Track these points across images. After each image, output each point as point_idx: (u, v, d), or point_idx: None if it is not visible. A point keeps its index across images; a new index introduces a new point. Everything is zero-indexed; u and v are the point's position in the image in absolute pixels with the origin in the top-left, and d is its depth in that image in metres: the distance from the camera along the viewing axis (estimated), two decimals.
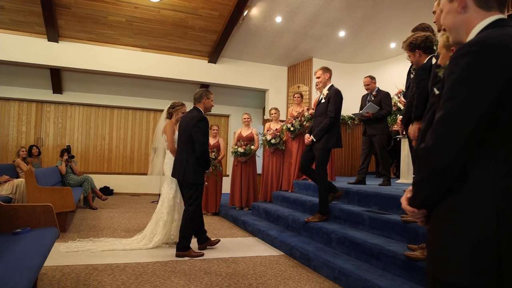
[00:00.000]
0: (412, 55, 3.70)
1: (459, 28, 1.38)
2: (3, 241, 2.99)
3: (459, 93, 1.19)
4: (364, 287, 3.36)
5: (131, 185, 11.31)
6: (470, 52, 1.20)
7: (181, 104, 5.40)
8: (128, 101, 11.33)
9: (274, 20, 8.77)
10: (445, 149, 1.20)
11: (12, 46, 8.54)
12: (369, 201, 4.96)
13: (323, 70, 5.14)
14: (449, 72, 1.25)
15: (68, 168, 8.31)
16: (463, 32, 1.37)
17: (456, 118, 1.19)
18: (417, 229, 3.69)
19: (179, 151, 4.81)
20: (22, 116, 10.52)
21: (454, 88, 1.21)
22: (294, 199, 6.33)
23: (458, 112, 1.19)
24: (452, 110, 1.20)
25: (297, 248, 4.63)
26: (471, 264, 1.16)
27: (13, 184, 6.51)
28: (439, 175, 1.23)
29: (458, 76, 1.20)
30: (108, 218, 7.06)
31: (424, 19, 4.64)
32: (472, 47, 1.21)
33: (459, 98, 1.19)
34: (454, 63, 1.24)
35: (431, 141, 1.23)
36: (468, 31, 1.34)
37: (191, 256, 4.63)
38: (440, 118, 1.23)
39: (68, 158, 8.28)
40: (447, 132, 1.20)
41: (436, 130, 1.23)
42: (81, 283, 3.53)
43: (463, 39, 1.36)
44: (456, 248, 1.20)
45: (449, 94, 1.22)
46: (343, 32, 9.24)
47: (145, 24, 8.72)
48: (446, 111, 1.21)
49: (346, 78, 10.63)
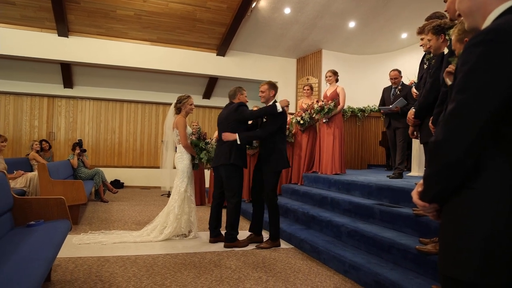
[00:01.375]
0: (435, 38, 3.57)
1: (475, 13, 1.31)
2: (17, 233, 3.04)
3: (472, 84, 1.14)
4: (375, 281, 3.35)
5: (141, 178, 11.39)
6: (485, 40, 1.13)
7: (187, 97, 5.38)
8: (138, 94, 11.39)
9: (282, 11, 8.71)
10: (457, 143, 1.16)
11: (23, 41, 8.62)
12: (380, 194, 4.92)
13: (269, 86, 4.96)
14: (462, 62, 1.20)
15: (79, 161, 8.38)
16: (479, 17, 1.29)
17: (468, 110, 1.14)
18: (429, 223, 3.64)
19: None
20: (34, 111, 10.63)
21: (467, 79, 1.15)
22: (304, 192, 6.32)
23: (470, 104, 1.13)
24: (464, 102, 1.15)
25: (306, 241, 4.63)
26: (481, 260, 1.13)
27: (26, 178, 6.58)
28: (450, 170, 1.19)
29: (472, 66, 1.14)
30: (119, 211, 7.13)
31: (436, 8, 4.56)
32: (487, 35, 1.14)
33: (471, 89, 1.13)
34: (468, 52, 1.18)
35: (442, 135, 1.19)
36: (484, 16, 1.27)
37: (239, 246, 4.80)
38: (451, 111, 1.18)
39: (80, 152, 8.35)
40: (459, 125, 1.15)
41: (447, 123, 1.19)
42: (93, 274, 3.57)
43: (479, 24, 1.29)
44: (467, 244, 1.17)
45: (461, 85, 1.17)
46: (353, 22, 9.16)
47: (154, 18, 8.73)
48: (457, 103, 1.16)
49: (356, 70, 10.60)
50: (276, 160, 4.80)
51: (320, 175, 6.67)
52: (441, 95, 3.13)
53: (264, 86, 4.98)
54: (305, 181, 7.08)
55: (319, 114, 6.90)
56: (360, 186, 5.37)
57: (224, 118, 4.94)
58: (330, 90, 7.07)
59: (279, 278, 3.68)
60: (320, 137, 7.11)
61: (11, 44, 8.52)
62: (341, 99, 6.91)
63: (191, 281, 3.50)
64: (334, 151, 6.85)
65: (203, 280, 3.55)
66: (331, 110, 6.80)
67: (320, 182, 6.54)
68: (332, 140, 6.87)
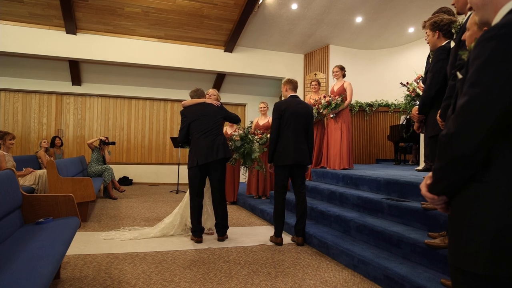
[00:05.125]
0: (431, 34, 3.64)
1: (487, 6, 1.30)
2: (27, 231, 3.06)
3: (484, 79, 1.14)
4: (384, 275, 3.34)
5: (150, 175, 11.45)
6: (498, 35, 1.13)
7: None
8: (146, 91, 11.43)
9: (289, 7, 8.68)
10: (468, 137, 1.16)
11: (31, 39, 8.67)
12: (388, 188, 4.91)
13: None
14: (474, 56, 1.19)
15: (100, 156, 8.47)
16: (490, 11, 1.29)
17: (480, 104, 1.14)
18: (437, 217, 3.64)
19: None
20: (42, 108, 10.71)
21: (479, 73, 1.15)
22: (312, 187, 6.31)
23: (482, 98, 1.14)
24: (477, 96, 1.15)
25: (315, 236, 4.62)
26: (492, 252, 1.14)
27: (35, 175, 6.63)
28: (461, 163, 1.20)
29: (485, 61, 1.14)
30: (128, 207, 7.17)
31: (443, 2, 4.52)
32: (501, 29, 1.14)
33: (484, 84, 1.13)
34: (481, 46, 1.17)
35: (454, 128, 1.19)
36: (496, 10, 1.26)
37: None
38: (463, 104, 1.18)
39: (106, 142, 8.61)
40: (471, 119, 1.15)
41: (459, 116, 1.19)
42: (102, 271, 3.59)
43: (490, 18, 1.29)
44: (477, 236, 1.17)
45: (474, 79, 1.17)
46: (360, 17, 9.09)
47: (161, 15, 8.74)
48: (470, 97, 1.16)
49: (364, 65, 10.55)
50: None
51: (328, 170, 6.65)
52: (449, 89, 3.11)
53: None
54: (313, 176, 7.06)
55: (326, 110, 6.88)
56: (369, 180, 5.35)
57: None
58: (337, 86, 7.05)
59: (288, 274, 3.68)
60: (328, 132, 7.09)
61: (20, 42, 8.58)
62: (348, 94, 6.88)
63: (200, 277, 3.50)
64: (342, 146, 6.83)
65: (212, 276, 3.56)
66: (338, 105, 6.78)
67: (328, 177, 6.53)
68: (340, 135, 6.85)
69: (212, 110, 4.92)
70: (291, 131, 4.76)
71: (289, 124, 4.77)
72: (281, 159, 4.76)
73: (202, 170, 4.79)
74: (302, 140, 4.81)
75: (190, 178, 4.84)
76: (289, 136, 4.76)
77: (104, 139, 8.70)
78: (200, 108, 4.91)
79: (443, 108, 3.15)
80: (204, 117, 4.84)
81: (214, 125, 4.85)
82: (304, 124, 4.83)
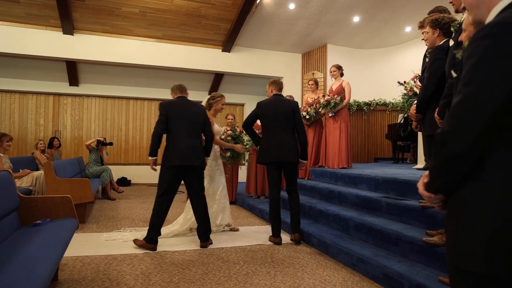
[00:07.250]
0: (431, 31, 3.63)
1: (480, 5, 1.31)
2: (24, 233, 3.04)
3: (477, 78, 1.14)
4: (383, 273, 3.34)
5: (148, 176, 11.39)
6: (491, 34, 1.14)
7: (220, 96, 5.38)
8: (144, 91, 11.41)
9: (287, 7, 8.67)
10: (462, 135, 1.17)
11: (28, 39, 8.63)
12: (387, 187, 4.92)
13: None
14: (468, 55, 1.20)
15: (98, 157, 8.44)
16: (484, 10, 1.30)
17: (474, 103, 1.14)
18: (435, 215, 3.65)
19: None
20: (40, 109, 10.68)
21: (473, 72, 1.16)
22: (311, 187, 6.31)
23: (476, 97, 1.14)
24: (471, 95, 1.15)
25: (314, 235, 4.62)
26: (489, 251, 1.14)
27: (32, 176, 6.61)
28: (455, 161, 1.20)
29: (478, 59, 1.15)
30: (126, 208, 7.15)
31: (439, 1, 4.53)
32: (493, 28, 1.14)
33: (477, 83, 1.14)
34: (474, 45, 1.18)
35: (448, 126, 1.20)
36: (489, 8, 1.27)
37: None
38: (457, 103, 1.19)
39: (104, 143, 8.56)
40: (465, 117, 1.16)
41: (453, 115, 1.20)
42: (101, 272, 3.58)
43: (484, 17, 1.30)
44: (474, 235, 1.17)
45: (467, 78, 1.17)
46: (357, 17, 9.10)
47: (159, 15, 8.72)
48: (464, 96, 1.17)
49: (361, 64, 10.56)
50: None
51: (327, 169, 6.66)
52: (447, 87, 3.12)
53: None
54: (312, 176, 7.07)
55: (325, 109, 6.89)
56: (367, 179, 5.36)
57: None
58: (336, 85, 7.06)
59: (287, 273, 3.68)
60: (326, 132, 7.10)
61: (16, 42, 8.54)
62: (346, 93, 6.89)
63: (199, 278, 3.50)
64: (340, 145, 6.84)
65: (211, 276, 3.55)
66: (337, 104, 6.79)
67: (327, 176, 6.53)
68: (339, 134, 6.86)
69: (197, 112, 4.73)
70: (272, 129, 4.76)
71: (270, 122, 4.78)
72: (264, 157, 4.80)
73: (181, 171, 4.61)
74: (287, 137, 4.74)
75: (165, 177, 4.71)
76: (270, 134, 4.76)
77: (102, 139, 8.68)
78: (181, 108, 4.67)
79: (441, 106, 3.16)
80: (191, 118, 4.64)
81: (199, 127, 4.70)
82: (287, 121, 4.77)
